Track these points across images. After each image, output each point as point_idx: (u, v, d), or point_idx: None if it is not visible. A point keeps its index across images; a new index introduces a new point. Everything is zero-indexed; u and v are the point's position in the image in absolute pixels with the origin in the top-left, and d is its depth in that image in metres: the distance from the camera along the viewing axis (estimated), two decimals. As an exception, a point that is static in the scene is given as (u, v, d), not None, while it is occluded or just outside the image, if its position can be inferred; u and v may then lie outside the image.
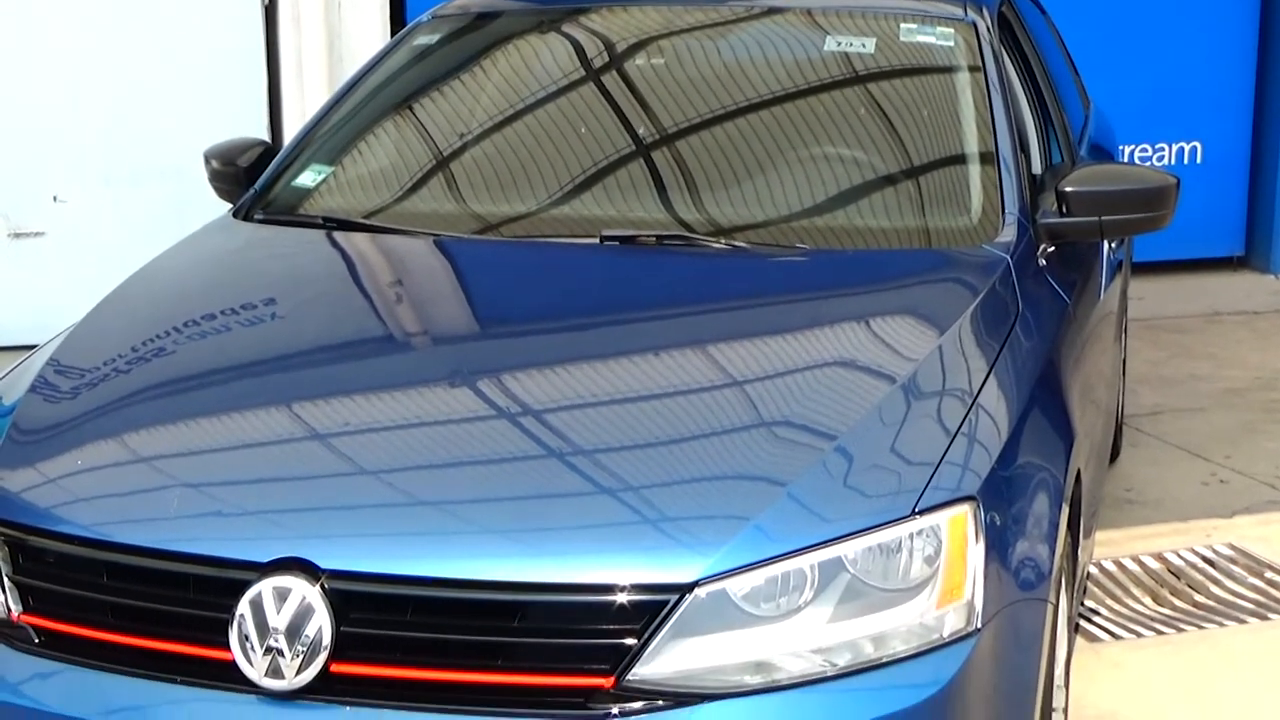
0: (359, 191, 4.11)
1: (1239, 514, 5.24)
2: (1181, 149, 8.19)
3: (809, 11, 4.38)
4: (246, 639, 2.63)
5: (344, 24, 6.96)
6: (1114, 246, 4.77)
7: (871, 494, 2.77)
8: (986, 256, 3.59)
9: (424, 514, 2.78)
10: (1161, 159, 8.14)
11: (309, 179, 4.13)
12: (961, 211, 3.79)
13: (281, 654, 2.61)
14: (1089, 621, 4.47)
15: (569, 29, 4.49)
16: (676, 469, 2.84)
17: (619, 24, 4.50)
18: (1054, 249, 3.82)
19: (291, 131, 6.62)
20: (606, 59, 4.41)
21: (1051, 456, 3.18)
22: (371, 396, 3.13)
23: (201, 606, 2.70)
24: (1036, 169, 4.16)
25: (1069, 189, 3.75)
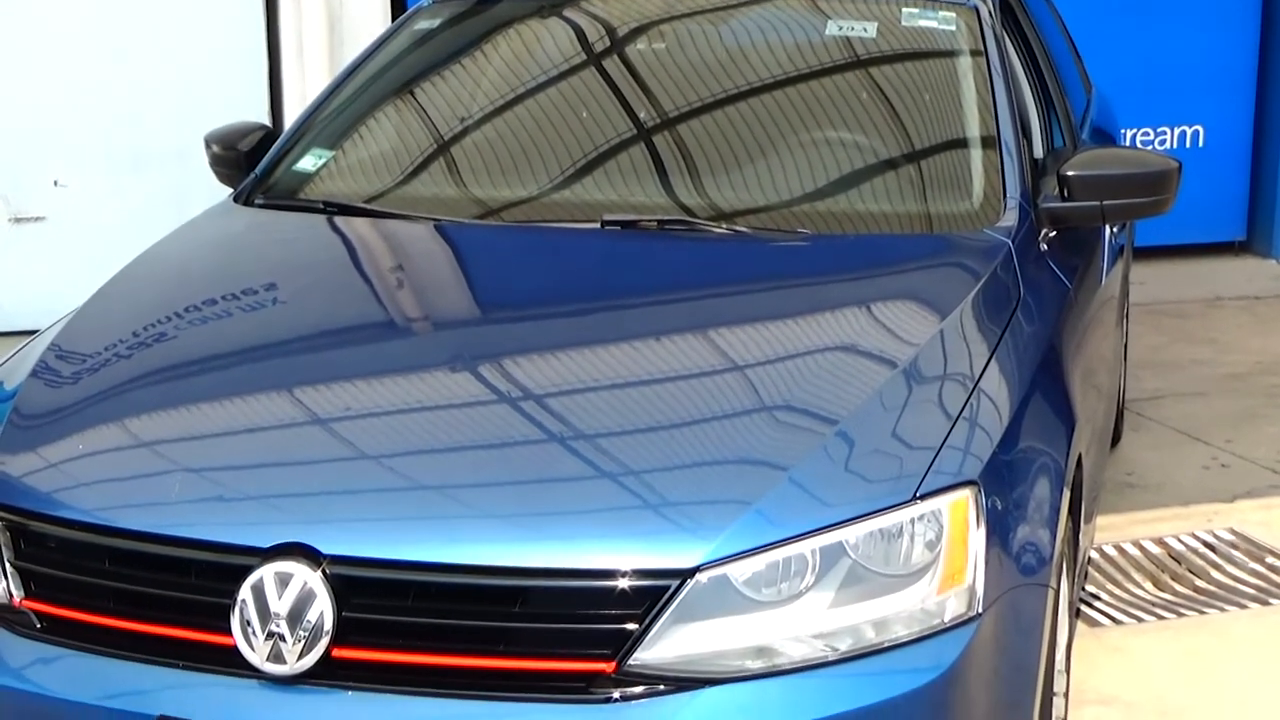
0: (360, 176, 4.10)
1: (1240, 499, 5.25)
2: (1183, 133, 8.17)
3: (810, -5, 4.37)
4: (248, 624, 2.63)
5: (345, 8, 6.95)
6: (1115, 231, 4.76)
7: (873, 479, 2.77)
8: (988, 241, 3.59)
9: (425, 499, 2.78)
10: (1163, 143, 8.12)
11: (310, 163, 4.13)
12: (963, 196, 3.78)
13: (283, 639, 2.61)
14: (1090, 606, 4.48)
15: (570, 13, 4.48)
16: (678, 453, 2.84)
17: (620, 8, 4.49)
18: (1055, 233, 3.82)
19: (292, 116, 6.61)
20: (608, 43, 4.41)
21: (1053, 441, 3.18)
22: (373, 381, 3.13)
23: (203, 591, 2.70)
24: (1038, 153, 4.15)
25: (1071, 173, 3.74)
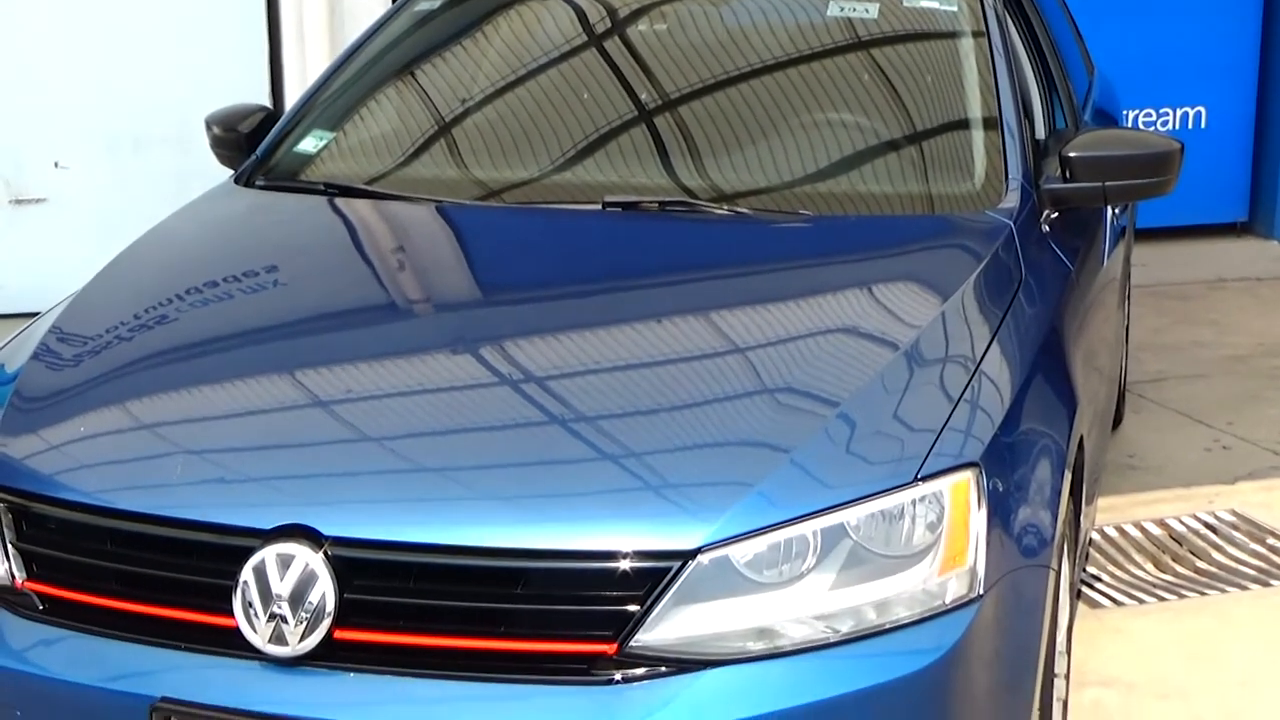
0: (361, 158, 4.10)
1: (1241, 480, 5.25)
2: (1186, 114, 8.16)
3: (812, -24, 4.36)
4: (250, 605, 2.63)
5: (345, -11, 6.94)
6: (1117, 212, 4.76)
7: (874, 460, 2.77)
8: (990, 222, 3.58)
9: (427, 481, 2.78)
10: (1165, 124, 8.11)
11: (311, 145, 4.13)
12: (965, 177, 3.78)
13: (285, 620, 2.62)
14: (1091, 588, 4.48)
15: (571, -6, 4.47)
16: (679, 435, 2.84)
17: (621, -11, 4.48)
18: (1057, 215, 3.81)
19: (293, 97, 6.60)
20: (609, 24, 4.40)
21: (1054, 423, 3.18)
22: (374, 363, 3.13)
23: (205, 573, 2.70)
24: (1040, 134, 4.14)
25: (1073, 154, 3.74)
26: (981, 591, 2.72)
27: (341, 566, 2.63)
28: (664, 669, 2.58)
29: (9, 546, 2.85)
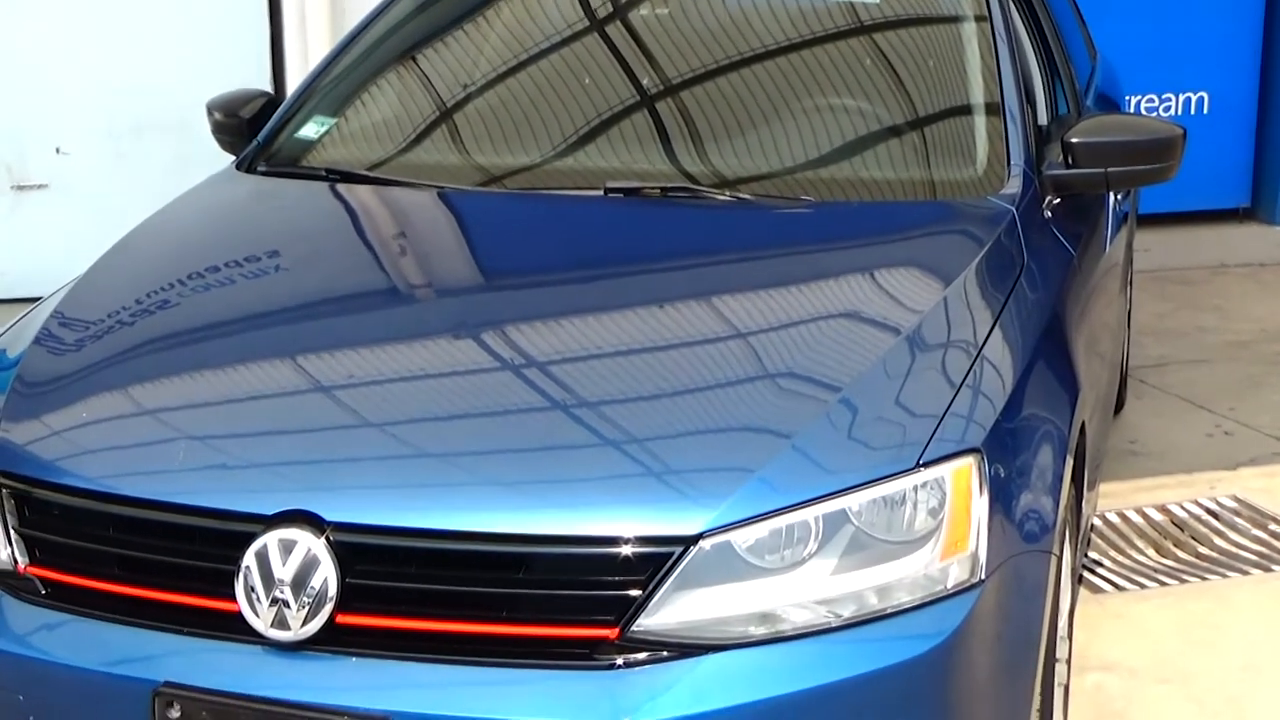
0: (362, 143, 4.09)
1: (1243, 466, 5.25)
2: (1188, 99, 8.15)
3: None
4: (252, 590, 2.64)
5: (346, -26, 6.93)
6: (1120, 198, 4.75)
7: (876, 446, 2.77)
8: (992, 208, 3.58)
9: (429, 466, 2.78)
10: (1168, 109, 8.10)
11: (312, 131, 4.12)
12: (967, 163, 3.77)
13: (287, 605, 2.62)
14: (1092, 573, 4.48)
15: (573, -21, 4.46)
16: (681, 421, 2.84)
17: (623, -26, 4.47)
18: (1060, 200, 3.81)
19: (294, 83, 6.59)
20: (611, 9, 4.39)
21: (1056, 409, 3.18)
22: (376, 349, 3.13)
23: (207, 558, 2.70)
24: (1042, 120, 4.14)
25: (1075, 140, 3.73)
26: (983, 577, 2.72)
27: (343, 551, 2.63)
28: (666, 654, 2.58)
29: (11, 532, 2.86)
